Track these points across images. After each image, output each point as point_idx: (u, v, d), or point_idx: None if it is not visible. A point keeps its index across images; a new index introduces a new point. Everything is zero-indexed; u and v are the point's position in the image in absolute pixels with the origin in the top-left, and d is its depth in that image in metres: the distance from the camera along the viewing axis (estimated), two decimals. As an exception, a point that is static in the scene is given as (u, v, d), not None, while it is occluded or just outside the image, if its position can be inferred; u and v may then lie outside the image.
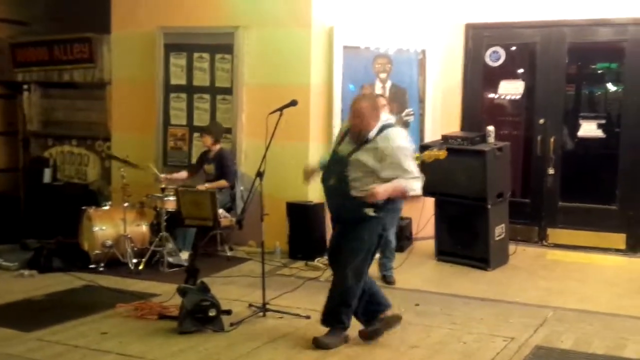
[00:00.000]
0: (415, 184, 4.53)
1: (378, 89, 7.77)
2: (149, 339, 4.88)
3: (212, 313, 4.95)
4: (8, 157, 10.27)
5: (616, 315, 5.50)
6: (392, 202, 4.73)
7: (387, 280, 6.32)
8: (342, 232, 4.73)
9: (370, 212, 4.54)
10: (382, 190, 4.46)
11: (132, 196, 7.01)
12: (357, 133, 4.60)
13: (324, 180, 4.77)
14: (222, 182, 7.29)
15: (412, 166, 4.53)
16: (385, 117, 4.75)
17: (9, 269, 6.88)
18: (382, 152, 4.50)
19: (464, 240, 6.98)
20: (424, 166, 5.67)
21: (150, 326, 5.13)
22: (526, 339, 4.90)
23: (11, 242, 7.92)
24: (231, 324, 5.07)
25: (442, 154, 5.97)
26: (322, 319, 4.79)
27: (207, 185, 7.16)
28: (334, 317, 4.74)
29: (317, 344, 4.67)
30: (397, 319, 4.82)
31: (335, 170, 4.68)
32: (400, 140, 4.55)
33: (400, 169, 4.48)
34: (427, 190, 7.24)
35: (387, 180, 4.49)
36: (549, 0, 7.75)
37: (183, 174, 7.55)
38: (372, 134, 4.55)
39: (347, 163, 4.59)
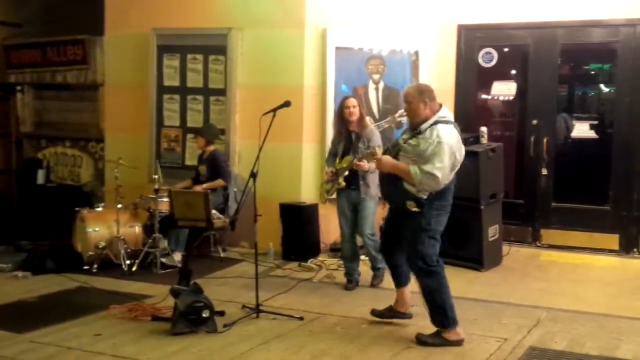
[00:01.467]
0: (422, 177, 4.54)
1: (371, 90, 7.79)
2: (143, 340, 4.86)
3: (205, 314, 4.95)
4: (1, 158, 10.27)
5: (610, 315, 5.51)
6: (436, 199, 4.66)
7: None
8: (395, 219, 4.94)
9: (412, 206, 4.66)
10: (386, 160, 4.71)
11: (125, 197, 7.00)
12: (410, 120, 4.81)
13: None
14: (219, 182, 7.29)
15: (438, 164, 4.51)
16: (444, 113, 4.71)
17: (3, 271, 6.86)
18: (428, 143, 4.56)
19: (457, 241, 6.97)
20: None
21: (143, 327, 5.11)
22: (519, 339, 4.90)
23: (5, 244, 7.91)
24: (224, 325, 5.06)
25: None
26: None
27: (204, 185, 7.15)
28: (432, 319, 4.84)
29: (418, 341, 4.81)
30: (456, 344, 4.80)
31: (390, 155, 4.83)
32: (446, 138, 4.56)
33: (426, 159, 4.55)
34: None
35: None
36: (541, 1, 7.78)
37: (188, 183, 7.51)
38: (425, 125, 4.63)
39: (399, 149, 4.76)
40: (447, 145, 4.53)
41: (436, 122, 4.62)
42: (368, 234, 6.17)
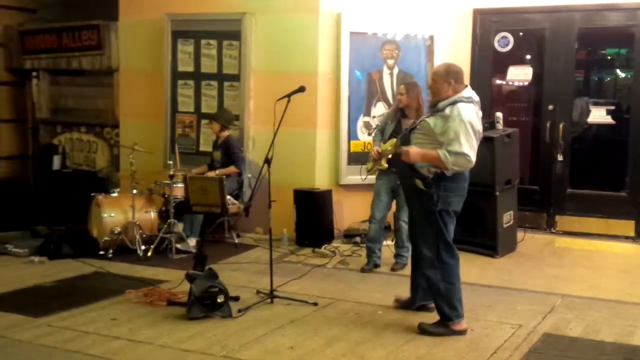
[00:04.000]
0: (454, 158, 4.45)
1: (385, 75, 7.75)
2: (158, 324, 4.91)
3: (220, 299, 4.98)
4: (17, 144, 10.33)
5: (625, 302, 5.48)
6: (443, 180, 4.58)
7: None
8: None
9: (419, 184, 4.60)
10: (413, 151, 4.57)
11: (140, 183, 7.04)
12: (432, 98, 4.72)
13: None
14: (232, 169, 7.31)
15: (465, 142, 4.43)
16: (468, 93, 4.62)
17: (20, 256, 6.94)
18: (447, 121, 4.49)
19: (472, 227, 6.96)
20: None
21: (159, 312, 5.16)
22: (534, 326, 4.90)
23: (21, 229, 8.00)
24: (239, 310, 5.10)
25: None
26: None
27: (216, 172, 7.18)
28: (437, 309, 4.79)
29: (421, 330, 4.74)
30: (460, 333, 4.75)
31: (405, 137, 4.81)
32: (467, 115, 4.49)
33: (451, 140, 4.46)
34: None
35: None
36: (558, -15, 7.70)
37: (203, 169, 7.55)
38: (444, 103, 4.57)
39: (416, 127, 4.72)
40: (469, 124, 4.46)
41: (455, 102, 4.55)
42: (405, 220, 6.07)
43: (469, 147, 4.45)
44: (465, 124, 4.45)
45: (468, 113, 4.50)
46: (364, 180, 6.39)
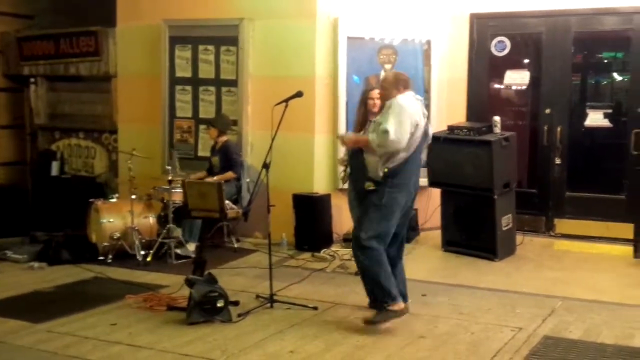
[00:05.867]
0: (377, 138, 4.69)
1: (383, 80, 7.75)
2: (158, 329, 4.91)
3: (220, 304, 4.98)
4: (16, 150, 10.34)
5: (624, 305, 5.48)
6: (391, 177, 4.78)
7: None
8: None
9: (370, 186, 4.85)
10: (347, 138, 5.25)
11: (138, 188, 7.04)
12: (381, 103, 5.05)
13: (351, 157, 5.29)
14: (230, 174, 7.31)
15: (392, 120, 4.67)
16: (410, 93, 4.91)
17: (19, 262, 6.93)
18: (386, 110, 4.81)
19: (471, 230, 6.98)
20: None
21: (159, 317, 5.16)
22: (534, 329, 4.90)
23: (20, 235, 7.99)
24: (239, 315, 5.10)
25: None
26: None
27: (214, 178, 7.18)
28: (370, 294, 4.99)
29: (367, 323, 4.87)
30: (400, 314, 4.88)
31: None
32: (402, 101, 4.77)
33: (384, 121, 4.71)
34: (433, 181, 7.29)
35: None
36: (555, -11, 7.73)
37: (202, 175, 7.55)
38: (389, 101, 4.86)
39: (370, 130, 5.00)
40: (401, 108, 4.71)
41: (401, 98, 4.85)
42: None
43: (394, 125, 4.64)
44: (400, 106, 4.72)
45: (404, 100, 4.79)
46: (342, 185, 6.52)
